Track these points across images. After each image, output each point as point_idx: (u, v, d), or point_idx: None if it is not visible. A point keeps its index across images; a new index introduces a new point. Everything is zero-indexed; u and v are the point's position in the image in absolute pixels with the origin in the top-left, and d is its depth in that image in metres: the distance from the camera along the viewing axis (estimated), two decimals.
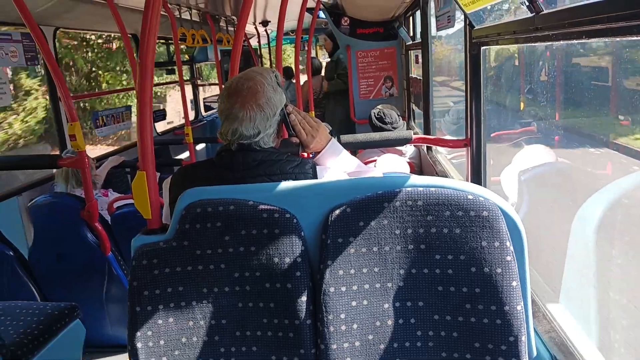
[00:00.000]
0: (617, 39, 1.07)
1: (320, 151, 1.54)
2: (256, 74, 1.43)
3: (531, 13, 1.44)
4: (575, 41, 1.21)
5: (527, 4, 1.43)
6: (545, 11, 1.38)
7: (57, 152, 3.60)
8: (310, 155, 1.59)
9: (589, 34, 1.15)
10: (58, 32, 3.70)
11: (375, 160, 3.12)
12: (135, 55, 3.77)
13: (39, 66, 3.57)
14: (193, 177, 1.44)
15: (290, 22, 5.36)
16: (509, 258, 1.13)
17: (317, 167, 1.44)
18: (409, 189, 1.18)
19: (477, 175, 2.09)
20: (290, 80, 7.37)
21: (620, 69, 1.83)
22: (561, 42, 1.31)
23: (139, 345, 1.23)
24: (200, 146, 6.24)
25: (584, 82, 2.20)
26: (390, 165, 2.84)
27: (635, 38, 0.98)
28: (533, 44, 1.71)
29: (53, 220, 2.66)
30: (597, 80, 2.03)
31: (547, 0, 1.41)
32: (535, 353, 1.22)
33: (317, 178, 1.40)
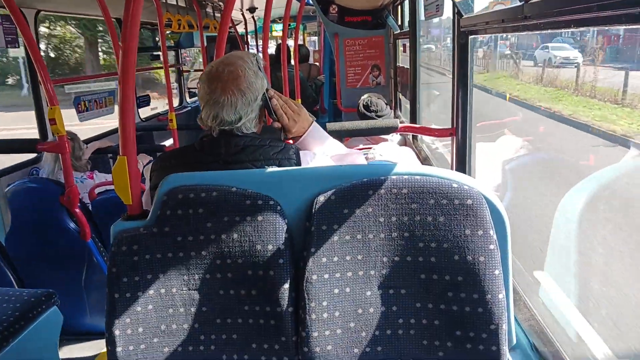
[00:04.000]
0: (606, 27, 1.06)
1: (302, 135, 1.52)
2: (237, 58, 1.40)
3: (520, 2, 1.43)
4: (563, 30, 1.20)
5: None
6: (533, 0, 1.37)
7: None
8: (291, 142, 1.57)
9: (578, 23, 1.15)
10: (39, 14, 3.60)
11: (362, 148, 3.10)
12: (119, 39, 3.69)
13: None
14: (174, 162, 1.41)
15: (278, 10, 5.30)
16: (492, 247, 1.13)
17: (300, 152, 1.42)
18: (394, 177, 1.17)
19: (462, 164, 2.09)
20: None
21: None
22: (549, 30, 1.30)
23: (116, 332, 1.21)
24: (184, 132, 6.17)
25: None
26: (391, 153, 2.82)
27: (623, 27, 0.97)
28: (521, 33, 1.71)
29: (32, 206, 2.61)
30: None
31: None
32: (515, 341, 1.23)
33: (300, 163, 1.39)
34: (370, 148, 2.92)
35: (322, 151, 1.52)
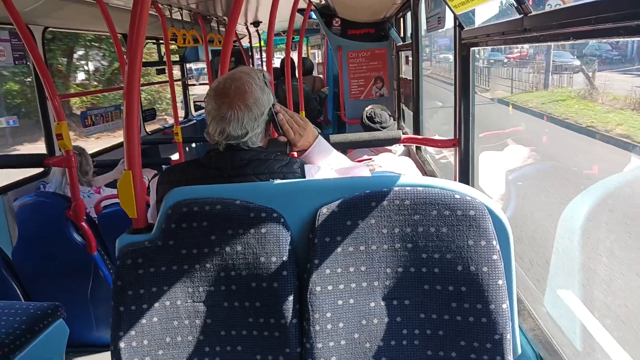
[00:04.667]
0: (604, 40, 1.07)
1: (307, 149, 1.53)
2: (243, 73, 1.42)
3: (520, 14, 1.45)
4: (562, 42, 1.21)
5: (516, 5, 1.44)
6: (533, 13, 1.39)
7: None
8: (297, 155, 1.59)
9: (577, 36, 1.16)
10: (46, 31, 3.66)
11: (366, 160, 3.11)
12: (124, 55, 3.74)
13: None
14: (180, 176, 1.43)
15: (282, 23, 5.35)
16: (495, 257, 1.13)
17: (305, 165, 1.43)
18: (397, 188, 1.18)
19: (465, 175, 2.10)
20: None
21: None
22: (549, 43, 1.32)
23: (122, 345, 1.22)
24: (190, 146, 6.21)
25: None
26: (391, 164, 2.83)
27: (622, 39, 0.98)
28: (522, 45, 1.73)
29: (38, 220, 2.63)
30: None
31: (536, 2, 1.42)
32: (519, 351, 1.22)
33: (305, 177, 1.40)
34: (370, 159, 2.92)
35: (327, 164, 1.53)
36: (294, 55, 4.62)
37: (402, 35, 4.77)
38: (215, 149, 1.42)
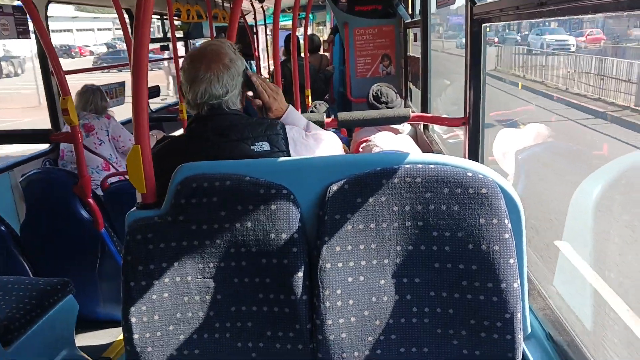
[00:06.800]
0: (625, 13, 1.04)
1: (281, 115, 1.60)
2: (214, 41, 1.52)
3: None
4: (580, 16, 1.18)
5: None
6: None
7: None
8: None
9: (596, 8, 1.12)
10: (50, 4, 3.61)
11: (365, 140, 3.08)
12: (129, 30, 3.69)
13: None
14: (165, 151, 1.46)
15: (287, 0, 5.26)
16: (506, 235, 1.13)
17: (286, 126, 1.48)
18: (408, 165, 1.17)
19: (474, 154, 2.08)
20: None
21: None
22: (566, 17, 1.28)
23: (133, 320, 1.22)
24: None
25: None
26: (389, 143, 2.80)
27: None
28: (537, 20, 1.68)
29: (45, 196, 2.64)
30: None
31: None
32: (529, 330, 1.22)
33: (287, 138, 1.45)
34: (367, 140, 2.90)
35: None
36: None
37: (410, 12, 4.68)
38: (196, 118, 1.47)
